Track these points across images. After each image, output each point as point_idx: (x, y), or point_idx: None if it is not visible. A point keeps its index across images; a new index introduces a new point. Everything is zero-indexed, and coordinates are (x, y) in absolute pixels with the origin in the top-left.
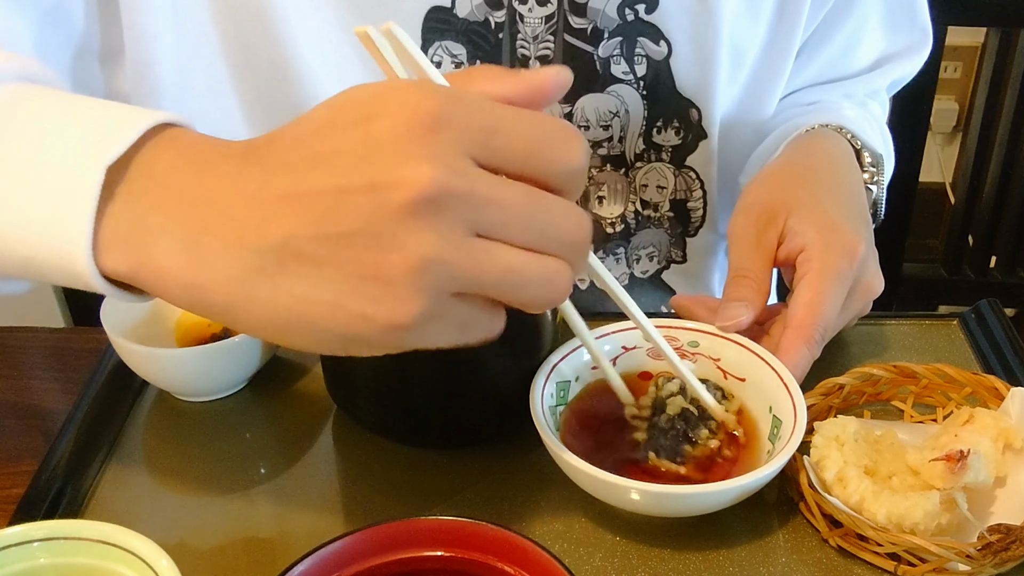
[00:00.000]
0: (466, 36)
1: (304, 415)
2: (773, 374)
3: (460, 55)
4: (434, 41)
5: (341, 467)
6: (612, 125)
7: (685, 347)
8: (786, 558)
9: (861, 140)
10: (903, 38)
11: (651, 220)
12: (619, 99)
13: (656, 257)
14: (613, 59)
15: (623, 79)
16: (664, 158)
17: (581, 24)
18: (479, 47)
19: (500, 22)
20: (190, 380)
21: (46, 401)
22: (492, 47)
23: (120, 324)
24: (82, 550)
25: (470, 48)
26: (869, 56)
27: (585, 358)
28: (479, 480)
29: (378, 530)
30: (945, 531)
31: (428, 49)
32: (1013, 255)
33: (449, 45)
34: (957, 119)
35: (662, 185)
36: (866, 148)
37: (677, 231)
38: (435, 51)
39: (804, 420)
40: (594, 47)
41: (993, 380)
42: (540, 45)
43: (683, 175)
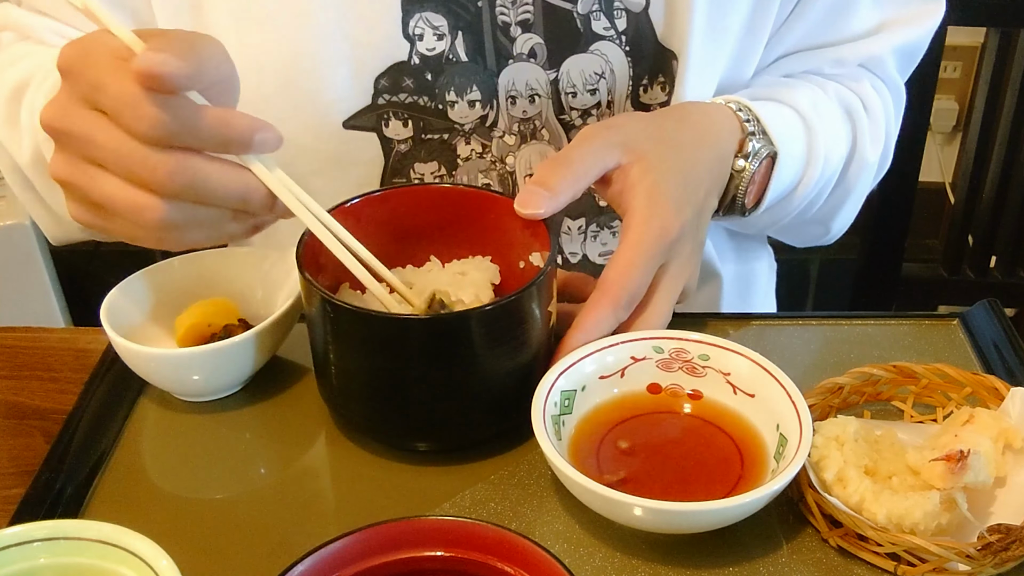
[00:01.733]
0: (446, 6)
1: (304, 415)
2: (782, 391)
3: (441, 26)
4: (415, 12)
5: (341, 467)
6: (599, 88)
7: (695, 360)
8: (786, 558)
9: (760, 125)
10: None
11: None
12: (603, 58)
13: None
14: (593, 15)
15: (605, 35)
16: None
17: None
18: (460, 17)
19: None
20: (190, 380)
21: (46, 401)
22: (472, 15)
23: (120, 324)
24: (82, 550)
25: (451, 19)
26: (866, 20)
27: (589, 369)
28: (479, 480)
29: (378, 530)
30: (945, 531)
31: (409, 21)
32: (1013, 255)
33: (429, 16)
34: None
35: None
36: (760, 137)
37: None
38: (416, 23)
39: (809, 440)
40: (573, 4)
41: (993, 380)
42: (520, 9)
43: None
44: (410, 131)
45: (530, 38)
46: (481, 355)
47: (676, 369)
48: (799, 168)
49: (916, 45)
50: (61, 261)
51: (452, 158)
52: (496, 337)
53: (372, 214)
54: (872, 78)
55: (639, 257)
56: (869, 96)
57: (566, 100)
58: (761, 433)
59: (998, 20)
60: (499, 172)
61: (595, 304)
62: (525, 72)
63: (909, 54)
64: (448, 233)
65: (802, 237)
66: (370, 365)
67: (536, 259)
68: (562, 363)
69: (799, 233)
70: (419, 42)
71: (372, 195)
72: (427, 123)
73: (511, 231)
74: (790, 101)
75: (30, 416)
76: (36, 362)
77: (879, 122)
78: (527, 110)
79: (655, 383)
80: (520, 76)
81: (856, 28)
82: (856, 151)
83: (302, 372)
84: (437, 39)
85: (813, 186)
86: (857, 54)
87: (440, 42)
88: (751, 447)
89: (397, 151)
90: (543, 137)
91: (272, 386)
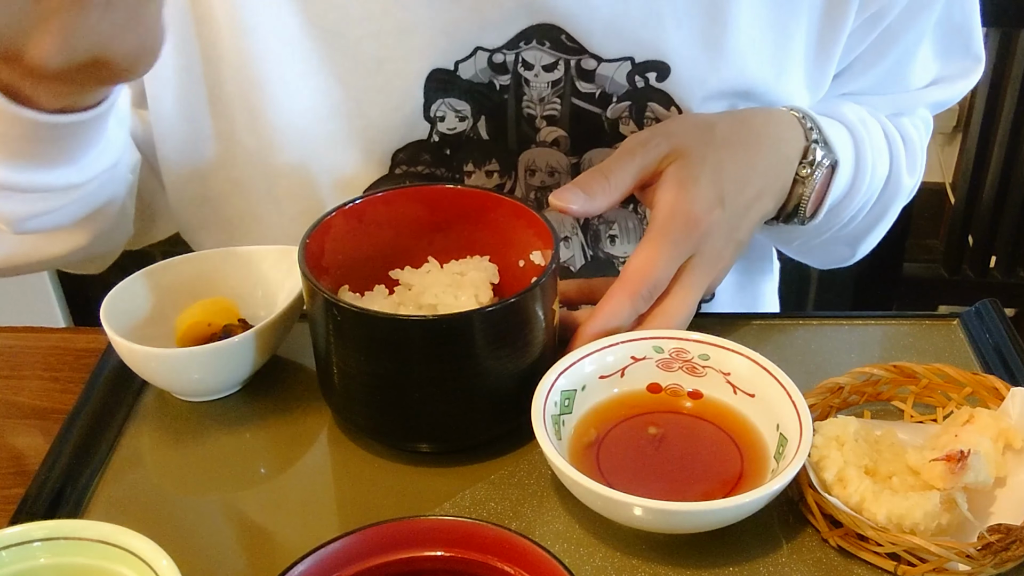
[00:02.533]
0: (470, 94)
1: (304, 415)
2: (783, 392)
3: (464, 110)
4: (437, 99)
5: (341, 467)
6: None
7: (695, 360)
8: (786, 558)
9: (822, 135)
10: (956, 63)
11: None
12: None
13: None
14: (622, 120)
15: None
16: None
17: (589, 89)
18: (483, 104)
19: (505, 85)
20: (190, 380)
21: (46, 401)
22: (496, 105)
23: (120, 324)
24: (82, 550)
25: (474, 104)
26: (922, 78)
27: (589, 368)
28: (479, 480)
29: (378, 530)
30: (945, 531)
31: (431, 106)
32: (1013, 255)
33: (452, 102)
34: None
35: None
36: (822, 145)
37: None
38: (438, 107)
39: (809, 440)
40: (602, 110)
41: (993, 380)
42: (547, 106)
43: None
44: None
45: (554, 131)
46: (483, 356)
47: (676, 369)
48: (848, 183)
49: (954, 99)
50: None
51: None
52: (498, 337)
53: (374, 215)
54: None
55: (662, 248)
56: (906, 127)
57: None
58: (761, 433)
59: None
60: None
61: (613, 294)
62: (546, 155)
63: (944, 104)
64: (446, 233)
65: (828, 258)
66: (372, 366)
67: (537, 257)
68: (562, 363)
69: (827, 254)
70: (440, 123)
71: (374, 196)
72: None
73: (510, 230)
74: (837, 115)
75: (30, 416)
76: (36, 362)
77: (915, 150)
78: (545, 181)
79: (655, 383)
80: (541, 157)
81: (914, 83)
82: (893, 172)
83: (302, 372)
84: (459, 121)
85: (859, 199)
86: (914, 103)
87: (462, 123)
88: (751, 447)
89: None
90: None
91: (272, 386)
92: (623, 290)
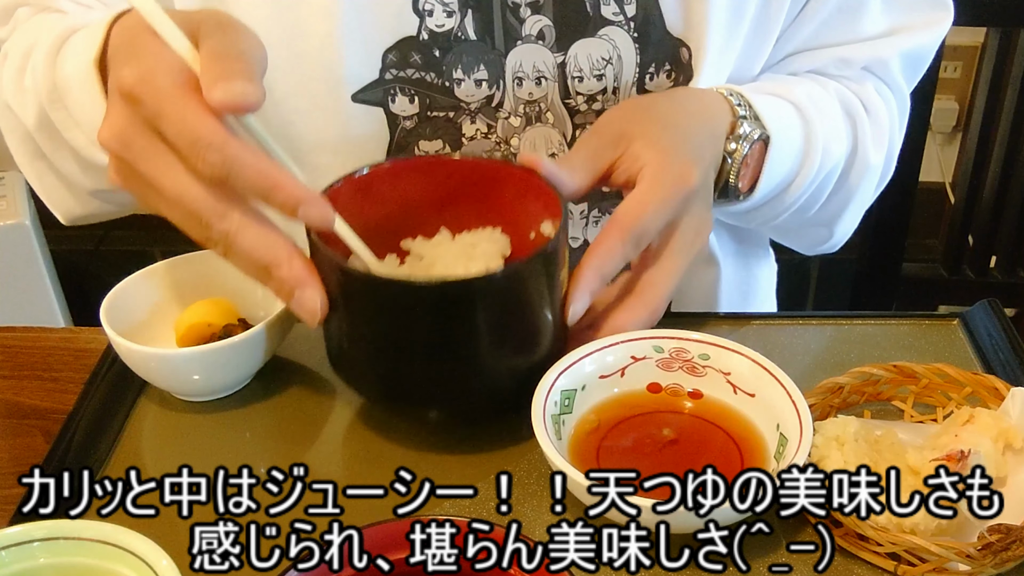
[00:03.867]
0: None
1: (304, 415)
2: (783, 392)
3: (451, 3)
4: None
5: (341, 467)
6: (605, 74)
7: (696, 359)
8: (786, 558)
9: (752, 111)
10: (918, 12)
11: None
12: (611, 43)
13: None
14: (603, 2)
15: (613, 20)
16: None
17: None
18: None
19: None
20: (190, 380)
21: (46, 401)
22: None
23: (120, 324)
24: (82, 550)
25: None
26: (875, 24)
27: (589, 368)
28: (479, 480)
29: (378, 530)
30: (945, 531)
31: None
32: (1013, 255)
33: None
34: (957, 119)
35: None
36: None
37: None
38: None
39: (809, 440)
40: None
41: (993, 380)
42: None
43: None
44: (416, 108)
45: (539, 20)
46: (491, 321)
47: (676, 368)
48: (796, 159)
49: (923, 51)
50: (61, 261)
51: (457, 137)
52: (506, 303)
53: (380, 186)
54: (877, 82)
55: (654, 196)
56: (871, 98)
57: (572, 84)
58: (761, 433)
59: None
60: (503, 153)
61: (605, 235)
62: (533, 54)
63: (915, 60)
64: (458, 205)
65: (806, 241)
66: (380, 331)
67: (547, 228)
68: (562, 363)
69: (802, 236)
70: (428, 18)
71: (380, 167)
72: (433, 100)
73: (522, 202)
74: (786, 95)
75: (30, 416)
76: (36, 362)
77: (882, 125)
78: (533, 92)
79: (655, 382)
80: (527, 58)
81: (864, 30)
82: (858, 152)
83: (302, 372)
84: (447, 16)
85: (812, 179)
86: (863, 55)
87: (449, 19)
88: (751, 447)
89: (402, 127)
90: (548, 120)
91: (272, 386)
92: (614, 231)
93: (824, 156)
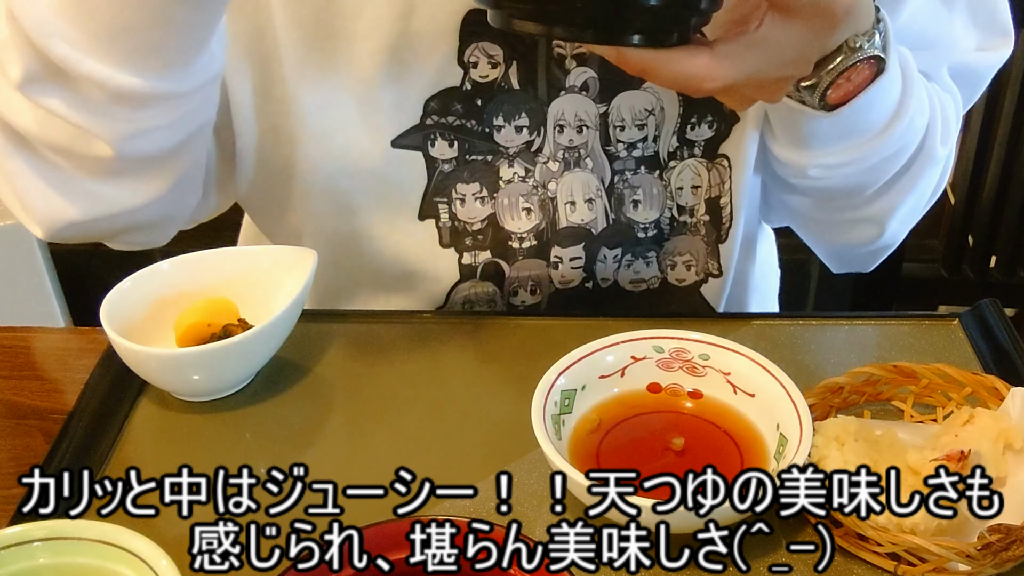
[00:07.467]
0: (503, 37)
1: (304, 415)
2: (783, 392)
3: (497, 55)
4: (472, 42)
5: (341, 467)
6: (647, 123)
7: (696, 360)
8: (786, 558)
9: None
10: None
11: (686, 226)
12: (655, 95)
13: (694, 267)
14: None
15: None
16: (696, 153)
17: None
18: (515, 48)
19: None
20: (190, 380)
21: (46, 401)
22: (528, 47)
23: (120, 324)
24: (82, 550)
25: (507, 49)
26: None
27: (589, 368)
28: (479, 480)
29: (378, 530)
30: (945, 531)
31: (465, 50)
32: (1013, 255)
33: (486, 46)
34: None
35: (696, 184)
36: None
37: (712, 237)
38: (472, 52)
39: (809, 440)
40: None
41: (993, 380)
42: (576, 44)
43: (716, 167)
44: (455, 152)
45: (584, 72)
46: None
47: (676, 368)
48: (889, 110)
49: (983, 72)
50: (61, 261)
51: (495, 180)
52: None
53: None
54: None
55: None
56: (942, 93)
57: (613, 133)
58: (761, 433)
59: None
60: (540, 197)
61: None
62: (575, 104)
63: (978, 78)
64: None
65: (854, 235)
66: None
67: None
68: (562, 363)
69: (851, 233)
70: (473, 69)
71: None
72: (472, 145)
73: None
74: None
75: (30, 416)
76: (36, 362)
77: (949, 120)
78: (574, 139)
79: (655, 382)
80: (570, 107)
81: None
82: (927, 138)
83: (302, 372)
84: (491, 67)
85: (895, 140)
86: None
87: (494, 70)
88: (751, 447)
89: (440, 171)
90: (587, 166)
91: (272, 386)
92: None
93: (910, 124)
